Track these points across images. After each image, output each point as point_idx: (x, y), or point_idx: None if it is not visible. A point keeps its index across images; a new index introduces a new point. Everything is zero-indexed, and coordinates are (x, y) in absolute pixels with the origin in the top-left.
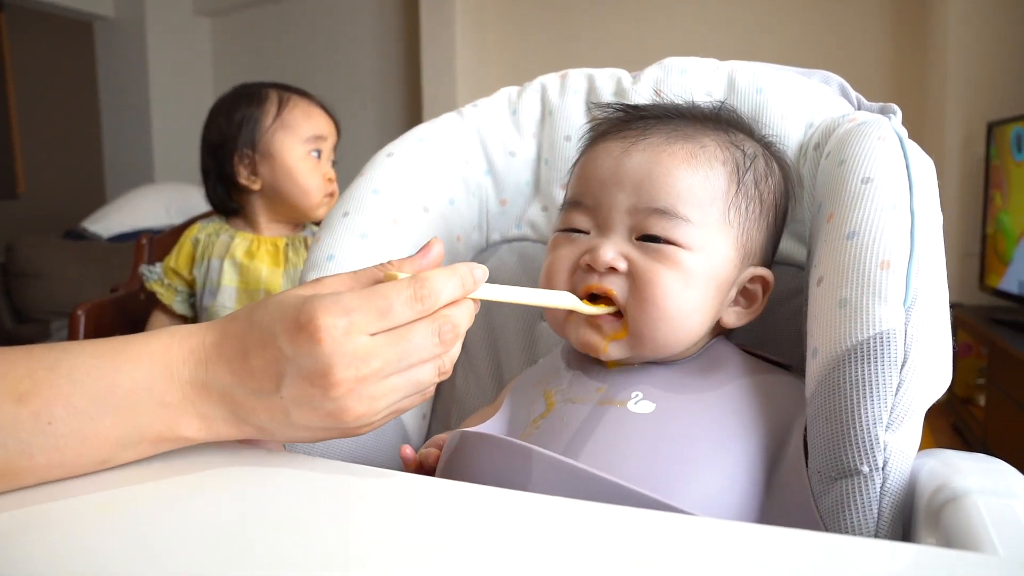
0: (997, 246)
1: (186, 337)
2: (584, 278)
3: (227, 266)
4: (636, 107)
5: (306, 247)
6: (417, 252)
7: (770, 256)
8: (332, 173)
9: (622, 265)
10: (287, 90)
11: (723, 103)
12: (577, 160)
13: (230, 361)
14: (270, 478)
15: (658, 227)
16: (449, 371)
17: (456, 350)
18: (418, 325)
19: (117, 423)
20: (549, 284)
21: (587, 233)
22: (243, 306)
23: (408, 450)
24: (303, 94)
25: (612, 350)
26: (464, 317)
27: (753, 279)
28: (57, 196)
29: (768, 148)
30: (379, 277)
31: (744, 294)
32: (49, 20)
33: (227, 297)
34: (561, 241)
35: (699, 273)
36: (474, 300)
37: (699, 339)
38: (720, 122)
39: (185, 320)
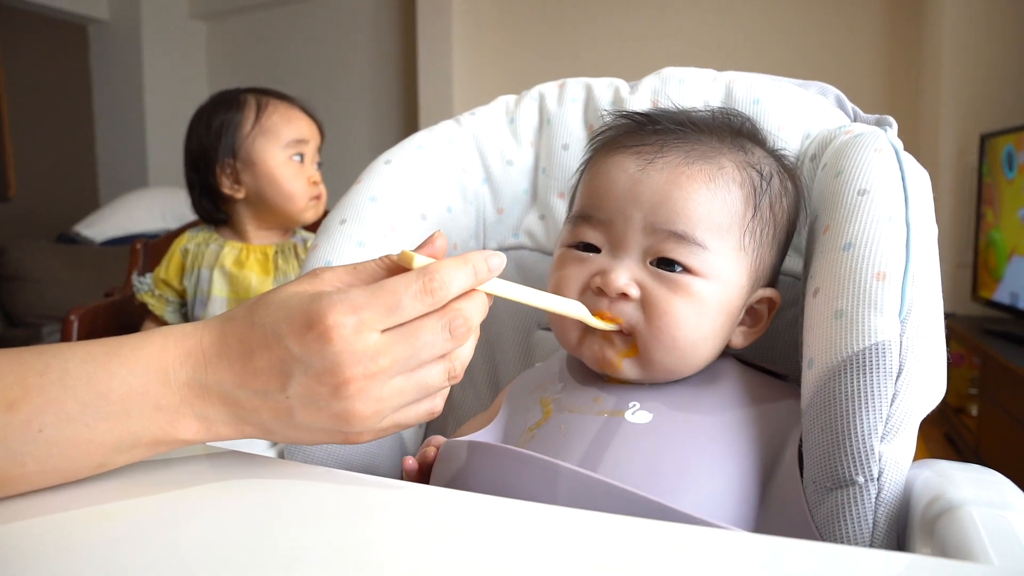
0: (988, 262)
1: (182, 338)
2: (594, 301)
3: (217, 276)
4: (649, 117)
5: (296, 254)
6: (420, 245)
7: (777, 274)
8: (317, 176)
9: (635, 292)
10: (265, 94)
11: (742, 116)
12: (584, 168)
13: (232, 362)
14: (284, 488)
15: (675, 252)
16: (460, 375)
17: (468, 350)
18: (427, 320)
19: (111, 428)
20: None
21: (597, 250)
22: (240, 305)
23: (411, 461)
24: (282, 97)
25: (626, 368)
26: (476, 310)
27: (760, 300)
28: (50, 199)
29: (782, 162)
30: (379, 273)
31: (750, 313)
32: (42, 22)
33: (218, 307)
34: (570, 259)
35: (713, 303)
36: (488, 295)
37: (708, 363)
38: (738, 135)
39: None
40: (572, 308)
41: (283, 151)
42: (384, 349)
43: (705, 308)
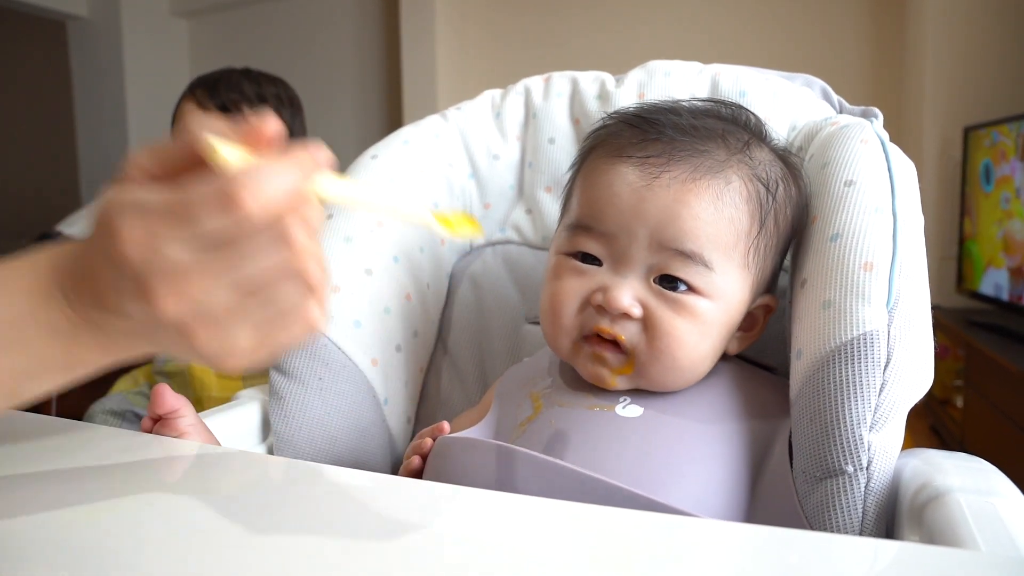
0: (965, 273)
1: (51, 260)
2: (594, 317)
3: None
4: (653, 124)
5: None
6: (241, 130)
7: (776, 279)
8: None
9: (637, 311)
10: (195, 90)
11: (747, 112)
12: (578, 169)
13: (88, 283)
14: (273, 485)
15: (681, 271)
16: (322, 280)
17: (317, 252)
18: (246, 232)
19: (11, 356)
20: (555, 318)
21: (596, 261)
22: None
23: (417, 460)
24: (196, 91)
25: (620, 383)
26: (309, 211)
27: (758, 306)
28: (31, 198)
29: (787, 161)
30: (180, 161)
31: (746, 318)
32: (20, 19)
33: None
34: (568, 270)
35: (715, 322)
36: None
37: (703, 375)
38: (747, 141)
39: None
40: (417, 214)
41: None
42: (192, 266)
43: (707, 328)
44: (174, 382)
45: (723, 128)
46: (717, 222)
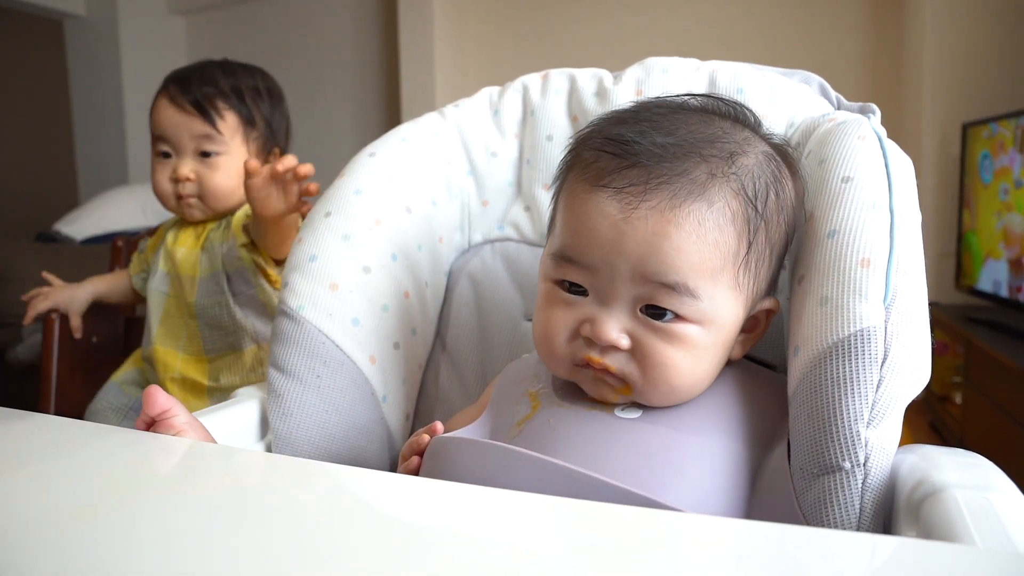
0: (964, 265)
1: None
2: (584, 348)
3: (162, 251)
4: (626, 145)
5: (229, 226)
6: None
7: (775, 283)
8: (186, 172)
9: (625, 343)
10: (168, 85)
11: (735, 106)
12: (560, 187)
13: None
14: (272, 482)
15: (666, 301)
16: None
17: None
18: None
19: None
20: (548, 347)
21: (584, 291)
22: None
23: (416, 460)
24: (169, 87)
25: (623, 398)
26: None
27: (759, 310)
28: (28, 197)
29: (782, 155)
30: None
31: (748, 321)
32: (17, 18)
33: (159, 281)
34: (556, 300)
35: (707, 345)
36: None
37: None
38: (730, 135)
39: (136, 295)
40: None
41: (153, 149)
42: None
43: (700, 352)
44: (149, 366)
45: (707, 135)
46: (700, 250)
